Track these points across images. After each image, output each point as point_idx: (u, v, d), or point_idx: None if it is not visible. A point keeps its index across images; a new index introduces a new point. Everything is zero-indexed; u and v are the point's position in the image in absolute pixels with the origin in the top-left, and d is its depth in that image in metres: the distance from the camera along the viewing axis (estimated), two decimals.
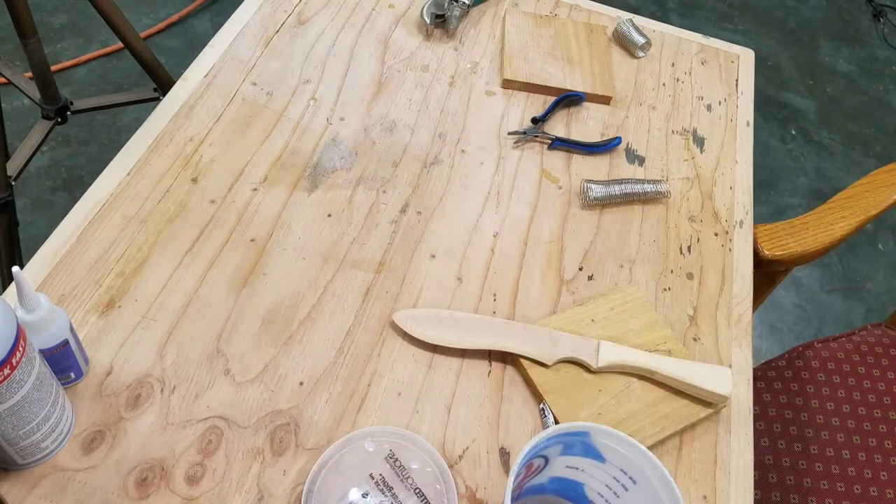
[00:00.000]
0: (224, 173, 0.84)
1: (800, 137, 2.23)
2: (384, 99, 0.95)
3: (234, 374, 0.69)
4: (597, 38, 1.06)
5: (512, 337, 0.73)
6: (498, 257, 0.82)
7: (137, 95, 1.35)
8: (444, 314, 0.74)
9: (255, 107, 0.91)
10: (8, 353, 0.52)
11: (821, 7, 2.67)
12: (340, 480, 0.63)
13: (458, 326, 0.73)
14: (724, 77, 1.07)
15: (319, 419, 0.67)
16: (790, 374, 1.01)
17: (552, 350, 0.72)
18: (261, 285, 0.75)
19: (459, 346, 0.72)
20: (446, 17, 1.03)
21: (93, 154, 1.83)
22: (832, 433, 0.95)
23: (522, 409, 0.71)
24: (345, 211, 0.83)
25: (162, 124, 0.87)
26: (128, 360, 0.68)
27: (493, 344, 0.72)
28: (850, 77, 2.43)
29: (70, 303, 0.71)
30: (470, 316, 0.74)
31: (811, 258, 0.97)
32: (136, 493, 0.61)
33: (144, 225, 0.78)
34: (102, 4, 1.15)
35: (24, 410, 0.56)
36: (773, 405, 0.98)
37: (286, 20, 1.02)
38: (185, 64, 0.94)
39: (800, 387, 1.00)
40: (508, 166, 0.91)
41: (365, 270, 0.78)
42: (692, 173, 0.94)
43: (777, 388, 1.00)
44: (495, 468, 0.67)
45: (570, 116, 0.98)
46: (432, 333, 0.73)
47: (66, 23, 2.10)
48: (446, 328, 0.73)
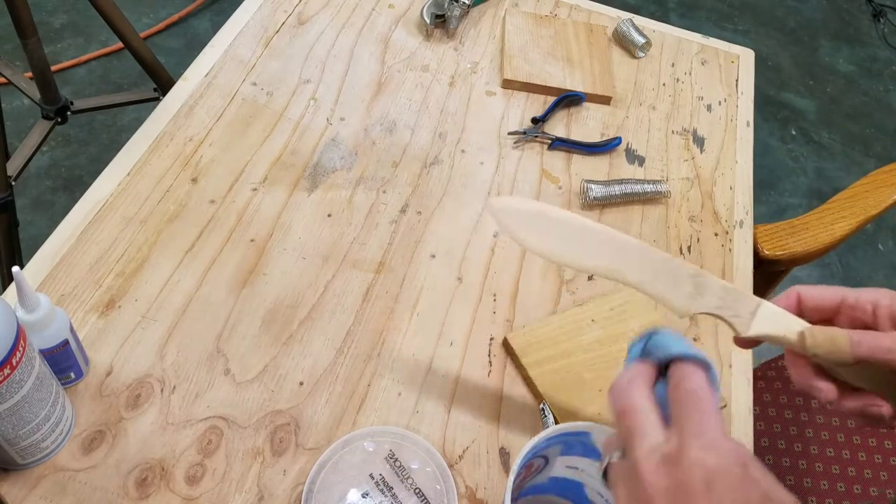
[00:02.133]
0: (224, 173, 0.84)
1: (800, 137, 2.23)
2: (384, 99, 0.95)
3: (234, 374, 0.69)
4: (597, 38, 1.06)
5: (643, 268, 0.54)
6: (498, 257, 0.82)
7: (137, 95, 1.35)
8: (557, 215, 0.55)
9: (255, 107, 0.91)
10: (8, 353, 0.52)
11: (821, 7, 2.67)
12: (340, 480, 0.63)
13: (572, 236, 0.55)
14: (724, 77, 1.07)
15: (319, 419, 0.67)
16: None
17: (693, 299, 0.54)
18: (261, 285, 0.75)
19: (566, 262, 0.55)
20: (446, 17, 1.03)
21: (93, 154, 1.83)
22: (832, 433, 0.95)
23: (522, 409, 0.71)
24: (345, 211, 0.83)
25: (162, 124, 0.87)
26: (128, 360, 0.68)
27: (614, 272, 0.54)
28: (850, 77, 2.43)
29: (70, 303, 0.71)
30: (592, 225, 0.55)
31: (811, 258, 0.97)
32: (136, 493, 0.61)
33: (144, 225, 0.78)
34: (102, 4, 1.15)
35: (24, 410, 0.56)
36: (773, 405, 0.98)
37: (286, 20, 1.02)
38: (185, 64, 0.94)
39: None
40: (508, 166, 0.91)
41: (365, 270, 0.78)
42: (692, 173, 0.94)
43: (777, 388, 1.00)
44: (495, 468, 0.67)
45: (570, 116, 0.98)
46: (534, 240, 0.56)
47: (66, 23, 2.10)
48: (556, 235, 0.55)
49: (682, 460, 0.40)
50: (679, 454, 0.40)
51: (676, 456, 0.40)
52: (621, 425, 0.44)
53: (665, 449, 0.41)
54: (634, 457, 0.42)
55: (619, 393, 0.45)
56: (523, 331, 0.75)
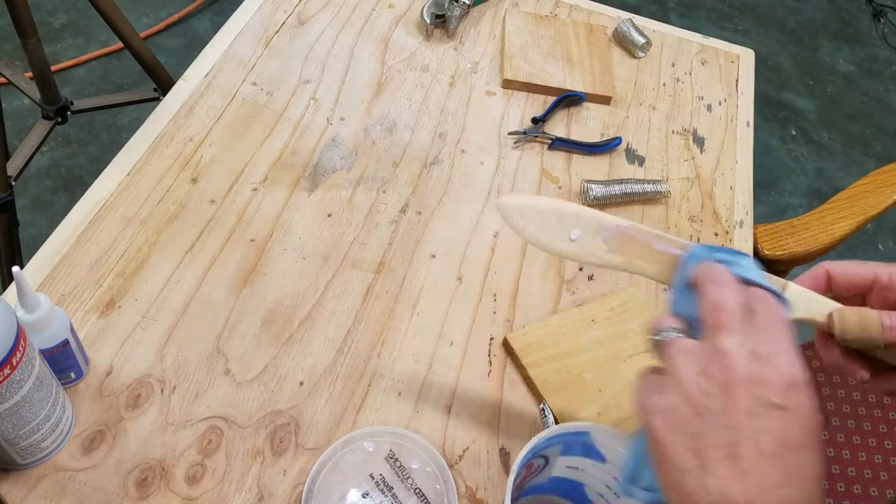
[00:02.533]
0: (224, 173, 0.84)
1: (800, 137, 2.23)
2: (384, 99, 0.95)
3: (235, 374, 0.69)
4: (597, 38, 1.06)
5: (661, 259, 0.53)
6: (498, 257, 0.82)
7: (137, 95, 1.35)
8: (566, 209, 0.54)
9: (255, 107, 0.91)
10: (8, 353, 0.52)
11: (821, 7, 2.67)
12: (340, 480, 0.63)
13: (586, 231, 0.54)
14: (724, 77, 1.07)
15: (319, 419, 0.67)
16: None
17: None
18: (261, 285, 0.75)
19: (580, 259, 0.54)
20: (446, 17, 1.03)
21: (93, 154, 1.83)
22: (832, 433, 0.95)
23: (522, 409, 0.71)
24: (345, 211, 0.83)
25: (162, 124, 0.87)
26: (128, 360, 0.68)
27: (631, 264, 0.53)
28: (850, 77, 2.43)
29: (70, 303, 0.71)
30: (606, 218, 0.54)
31: (811, 258, 0.97)
32: (136, 493, 0.61)
33: (144, 225, 0.78)
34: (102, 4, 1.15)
35: (25, 410, 0.56)
36: None
37: (286, 20, 1.02)
38: (185, 64, 0.94)
39: None
40: (508, 166, 0.91)
41: (365, 270, 0.78)
42: (692, 173, 0.94)
43: None
44: (495, 468, 0.67)
45: (570, 116, 0.98)
46: (546, 238, 0.54)
47: (66, 23, 2.10)
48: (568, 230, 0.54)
49: (772, 362, 0.41)
50: (769, 356, 0.42)
51: (767, 357, 0.42)
52: (712, 314, 0.44)
53: (755, 347, 0.42)
54: (723, 342, 0.42)
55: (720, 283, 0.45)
56: (523, 331, 0.75)
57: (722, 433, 0.40)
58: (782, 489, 0.39)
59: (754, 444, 0.40)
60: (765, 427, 0.40)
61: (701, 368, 0.42)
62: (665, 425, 0.42)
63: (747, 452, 0.39)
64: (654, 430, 0.43)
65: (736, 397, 0.40)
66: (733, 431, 0.40)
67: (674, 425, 0.42)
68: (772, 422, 0.40)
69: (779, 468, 0.39)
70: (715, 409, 0.41)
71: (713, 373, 0.42)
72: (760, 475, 0.39)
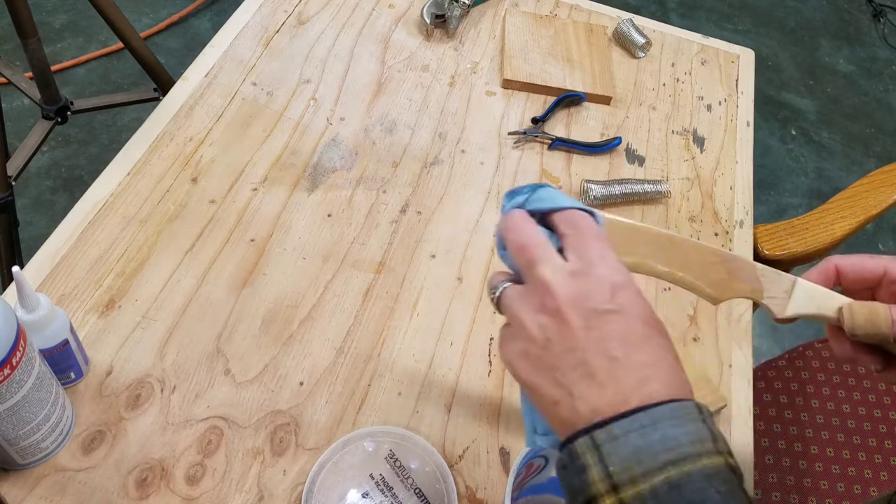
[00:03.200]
0: (224, 173, 0.84)
1: (800, 137, 2.23)
2: (384, 99, 0.95)
3: (235, 374, 0.69)
4: (597, 38, 1.06)
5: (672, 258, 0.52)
6: (498, 257, 0.82)
7: (137, 95, 1.35)
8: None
9: (255, 107, 0.91)
10: (8, 353, 0.52)
11: (821, 7, 2.67)
12: (340, 480, 0.63)
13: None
14: (724, 77, 1.07)
15: (319, 419, 0.67)
16: (790, 374, 1.01)
17: (726, 285, 0.52)
18: (261, 285, 0.75)
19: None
20: (446, 17, 1.03)
21: (93, 154, 1.83)
22: (832, 433, 0.95)
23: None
24: (345, 211, 0.83)
25: (162, 124, 0.87)
26: (128, 360, 0.68)
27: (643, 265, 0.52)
28: (850, 77, 2.43)
29: (70, 303, 0.71)
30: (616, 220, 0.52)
31: (811, 258, 0.97)
32: (136, 493, 0.61)
33: (144, 225, 0.78)
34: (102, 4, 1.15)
35: (24, 410, 0.56)
36: (773, 405, 0.98)
37: (286, 20, 1.02)
38: (185, 64, 0.94)
39: (800, 387, 1.00)
40: (508, 166, 0.91)
41: (365, 270, 0.78)
42: (692, 173, 0.94)
43: (777, 388, 1.00)
44: (495, 468, 0.67)
45: (570, 116, 0.98)
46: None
47: (66, 23, 2.10)
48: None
49: (591, 274, 0.43)
50: (586, 270, 0.43)
51: (584, 271, 0.43)
52: (521, 256, 0.45)
53: (570, 267, 0.43)
54: (539, 275, 0.43)
55: (515, 228, 0.46)
56: None
57: (570, 356, 0.41)
58: (644, 387, 0.40)
59: (601, 355, 0.41)
60: (604, 335, 0.41)
61: (532, 306, 0.43)
62: (524, 368, 0.43)
63: (599, 365, 0.40)
64: (519, 378, 0.44)
65: (568, 318, 0.41)
66: (579, 351, 0.41)
67: (531, 366, 0.43)
68: (609, 327, 0.41)
69: (632, 369, 0.40)
70: (556, 338, 0.42)
71: (543, 304, 0.43)
72: (619, 381, 0.40)
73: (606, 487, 0.37)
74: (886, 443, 0.94)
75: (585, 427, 0.39)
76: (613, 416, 0.39)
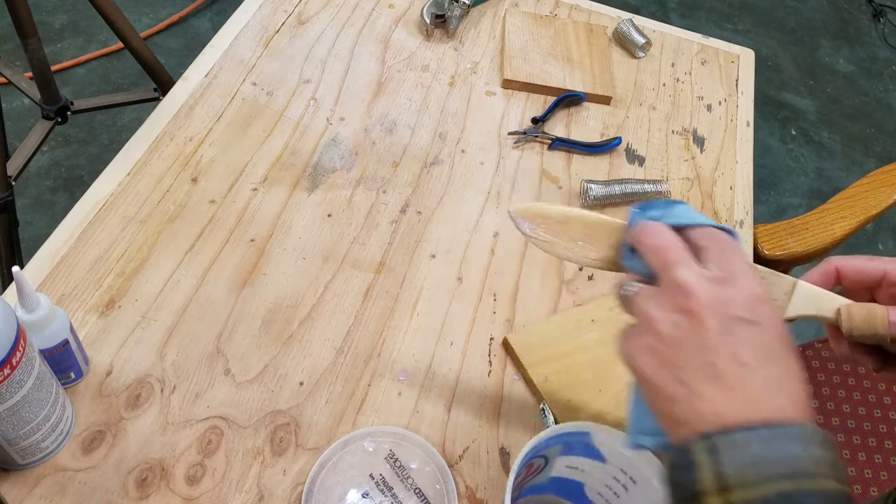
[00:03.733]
0: (224, 173, 0.84)
1: (800, 137, 2.23)
2: (384, 99, 0.95)
3: (235, 374, 0.69)
4: (597, 38, 1.06)
5: None
6: (498, 257, 0.82)
7: (137, 95, 1.35)
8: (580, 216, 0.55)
9: (255, 107, 0.91)
10: (8, 353, 0.52)
11: (821, 7, 2.67)
12: (340, 480, 0.63)
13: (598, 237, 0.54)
14: (724, 77, 1.07)
15: (319, 419, 0.67)
16: None
17: None
18: (261, 285, 0.75)
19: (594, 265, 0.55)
20: (446, 17, 1.03)
21: (93, 154, 1.83)
22: (832, 433, 0.95)
23: (522, 409, 0.71)
24: (345, 211, 0.83)
25: (162, 124, 0.87)
26: (128, 360, 0.68)
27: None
28: (850, 77, 2.43)
29: (70, 303, 0.71)
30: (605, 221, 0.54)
31: (811, 258, 0.97)
32: (136, 493, 0.61)
33: (144, 225, 0.78)
34: (102, 4, 1.15)
35: (25, 410, 0.56)
36: None
37: (286, 20, 1.02)
38: (185, 64, 0.94)
39: None
40: (508, 166, 0.91)
41: (365, 270, 0.78)
42: (692, 173, 0.94)
43: None
44: (495, 468, 0.67)
45: (570, 116, 0.98)
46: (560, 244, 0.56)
47: (66, 23, 2.10)
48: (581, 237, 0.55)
49: (733, 283, 0.42)
50: (729, 279, 0.42)
51: (726, 280, 0.42)
52: (657, 258, 0.45)
53: (710, 274, 0.43)
54: (678, 276, 0.43)
55: (654, 233, 0.46)
56: (523, 331, 0.75)
57: (700, 357, 0.41)
58: (772, 398, 0.39)
59: (733, 360, 0.40)
60: (739, 342, 0.41)
61: (666, 305, 0.43)
62: (647, 364, 0.43)
63: (728, 369, 0.40)
64: (639, 372, 0.44)
65: (704, 321, 0.41)
66: (710, 353, 0.41)
67: (655, 362, 0.43)
68: (744, 335, 0.41)
69: (763, 379, 0.40)
70: (688, 337, 0.42)
71: (678, 304, 0.42)
72: (747, 388, 0.39)
73: (715, 486, 0.37)
74: (886, 443, 0.94)
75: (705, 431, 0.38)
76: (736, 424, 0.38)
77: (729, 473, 0.37)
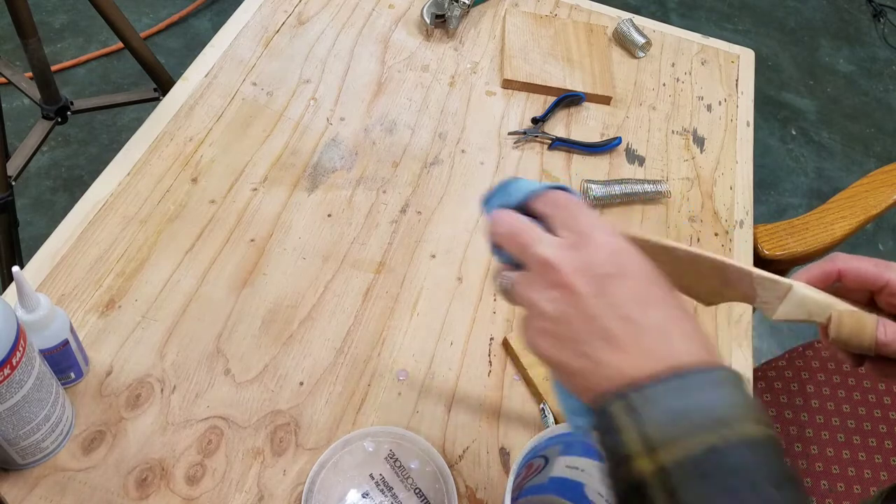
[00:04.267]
0: (224, 173, 0.84)
1: (800, 137, 2.23)
2: (384, 99, 0.95)
3: (235, 374, 0.69)
4: (597, 38, 1.06)
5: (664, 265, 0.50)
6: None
7: (137, 95, 1.35)
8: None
9: (255, 107, 0.91)
10: (8, 353, 0.52)
11: (821, 7, 2.67)
12: (340, 480, 0.63)
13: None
14: (724, 77, 1.07)
15: (319, 419, 0.67)
16: (790, 374, 1.01)
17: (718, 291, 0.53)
18: (261, 285, 0.75)
19: None
20: (446, 17, 1.03)
21: (93, 154, 1.83)
22: (832, 433, 0.95)
23: (522, 409, 0.71)
24: (345, 211, 0.83)
25: (162, 124, 0.87)
26: (128, 360, 0.68)
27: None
28: (850, 77, 2.43)
29: (70, 303, 0.71)
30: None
31: (811, 258, 0.97)
32: (136, 494, 0.61)
33: (144, 225, 0.78)
34: (102, 4, 1.15)
35: (25, 410, 0.56)
36: (773, 405, 0.98)
37: (286, 20, 1.02)
38: (185, 64, 0.94)
39: (800, 387, 1.00)
40: (508, 166, 0.91)
41: (365, 270, 0.78)
42: (692, 173, 0.94)
43: (777, 388, 1.00)
44: (495, 468, 0.67)
45: (570, 116, 0.98)
46: None
47: (66, 23, 2.10)
48: None
49: (589, 243, 0.42)
50: (583, 240, 0.43)
51: (580, 241, 0.43)
52: (513, 244, 0.45)
53: (566, 241, 0.43)
54: (537, 254, 0.43)
55: (498, 221, 0.47)
56: None
57: (587, 325, 0.41)
58: (667, 345, 0.39)
59: (617, 318, 0.40)
60: (615, 299, 0.41)
61: (539, 285, 0.43)
62: (545, 346, 0.43)
63: (616, 328, 0.40)
64: (543, 357, 0.44)
65: (576, 289, 0.41)
66: (595, 319, 0.41)
67: (551, 342, 0.43)
68: (618, 291, 0.41)
69: (651, 328, 0.40)
70: (569, 309, 0.42)
71: (549, 281, 0.43)
72: (641, 341, 0.40)
73: (642, 448, 0.37)
74: (886, 443, 0.94)
75: (617, 391, 0.38)
76: (646, 379, 0.38)
77: (652, 433, 0.37)
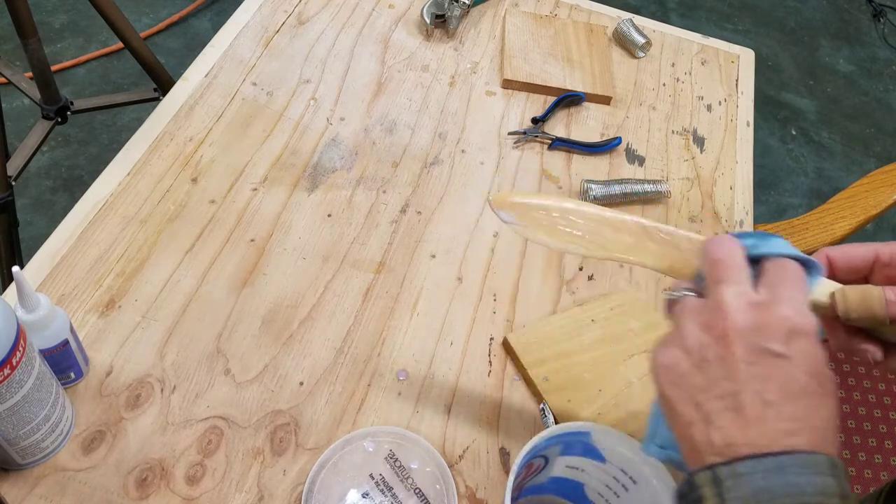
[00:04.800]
0: (224, 173, 0.84)
1: (800, 137, 2.23)
2: (384, 99, 0.95)
3: (235, 374, 0.69)
4: (597, 38, 1.06)
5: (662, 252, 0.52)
6: (498, 257, 0.82)
7: (137, 95, 1.35)
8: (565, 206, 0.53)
9: (255, 107, 0.91)
10: (8, 353, 0.52)
11: (821, 7, 2.67)
12: (340, 480, 0.63)
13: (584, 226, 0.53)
14: (724, 77, 1.07)
15: (319, 419, 0.67)
16: None
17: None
18: (261, 285, 0.75)
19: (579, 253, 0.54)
20: (446, 17, 1.03)
21: (93, 154, 1.83)
22: None
23: (522, 409, 0.71)
24: (345, 211, 0.83)
25: (162, 124, 0.87)
26: (128, 360, 0.68)
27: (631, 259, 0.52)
28: (850, 77, 2.43)
29: (70, 303, 0.71)
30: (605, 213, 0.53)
31: None
32: (136, 494, 0.61)
33: (144, 225, 0.78)
34: (102, 4, 1.15)
35: (25, 410, 0.56)
36: None
37: (286, 20, 1.02)
38: (185, 64, 0.94)
39: None
40: (508, 166, 0.91)
41: (365, 270, 0.78)
42: (692, 173, 0.94)
43: None
44: (495, 468, 0.67)
45: (570, 116, 0.98)
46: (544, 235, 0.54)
47: (66, 23, 2.10)
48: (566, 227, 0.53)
49: (772, 310, 0.41)
50: (769, 304, 0.41)
51: (766, 305, 0.41)
52: (713, 271, 0.44)
53: (755, 297, 0.42)
54: (721, 295, 0.42)
55: (719, 245, 0.45)
56: (523, 331, 0.75)
57: (722, 384, 0.40)
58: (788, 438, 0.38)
59: (756, 394, 0.39)
60: (765, 376, 0.39)
61: (701, 322, 0.42)
62: (667, 380, 0.42)
63: (749, 403, 0.39)
64: (658, 385, 0.43)
65: (733, 347, 0.40)
66: (733, 382, 0.40)
67: (675, 379, 0.42)
68: (773, 371, 0.40)
69: (783, 417, 0.39)
70: (713, 360, 0.41)
71: (712, 324, 0.41)
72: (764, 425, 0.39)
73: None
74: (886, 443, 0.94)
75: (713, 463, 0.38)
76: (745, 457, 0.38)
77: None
